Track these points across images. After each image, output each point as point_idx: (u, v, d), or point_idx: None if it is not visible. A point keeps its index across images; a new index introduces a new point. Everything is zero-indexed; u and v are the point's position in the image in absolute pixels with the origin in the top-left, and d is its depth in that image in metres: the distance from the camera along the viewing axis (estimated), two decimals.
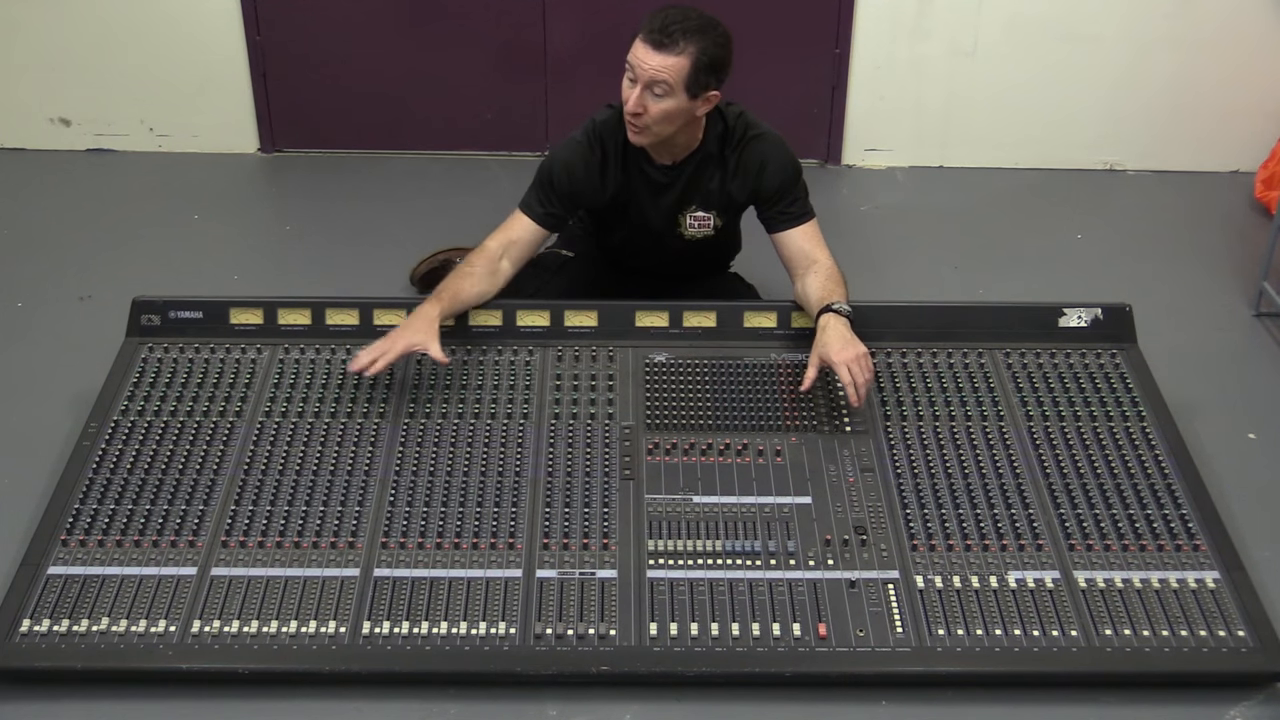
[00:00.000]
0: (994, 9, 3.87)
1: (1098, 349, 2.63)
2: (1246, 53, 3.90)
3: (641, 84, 2.42)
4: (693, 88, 2.44)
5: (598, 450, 2.40)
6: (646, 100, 2.44)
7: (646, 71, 2.41)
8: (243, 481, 2.32)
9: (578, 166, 2.60)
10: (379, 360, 2.40)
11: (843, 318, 2.46)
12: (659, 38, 2.40)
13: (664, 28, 2.40)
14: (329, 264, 3.46)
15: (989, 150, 4.09)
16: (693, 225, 2.68)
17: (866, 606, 2.11)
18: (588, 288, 2.82)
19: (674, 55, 2.40)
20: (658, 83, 2.41)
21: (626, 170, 2.62)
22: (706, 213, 2.67)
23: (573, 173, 2.60)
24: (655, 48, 2.40)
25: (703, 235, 2.70)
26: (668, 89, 2.42)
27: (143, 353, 2.60)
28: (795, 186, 2.64)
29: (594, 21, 3.93)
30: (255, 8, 3.92)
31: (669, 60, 2.40)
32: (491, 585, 2.13)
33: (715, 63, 2.44)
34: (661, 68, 2.40)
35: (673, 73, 2.41)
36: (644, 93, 2.43)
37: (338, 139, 4.15)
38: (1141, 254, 3.59)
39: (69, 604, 2.09)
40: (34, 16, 3.94)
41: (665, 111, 2.45)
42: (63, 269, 3.40)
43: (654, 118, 2.46)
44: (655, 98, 2.43)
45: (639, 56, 2.42)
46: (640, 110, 2.45)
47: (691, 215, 2.67)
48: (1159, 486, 2.34)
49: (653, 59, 2.40)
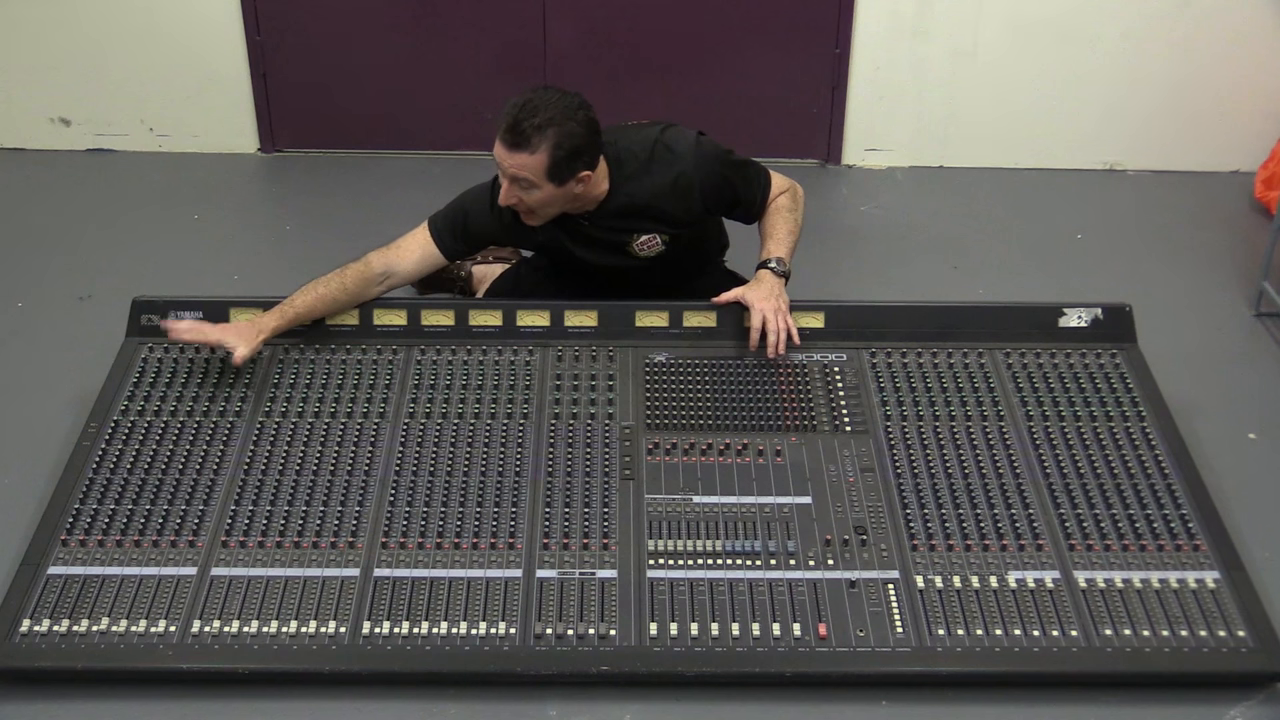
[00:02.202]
0: (994, 9, 3.87)
1: (1098, 349, 2.63)
2: (1246, 53, 3.90)
3: (507, 179, 2.41)
4: (556, 178, 2.40)
5: (598, 450, 2.40)
6: (518, 193, 2.42)
7: (507, 170, 2.39)
8: (243, 481, 2.32)
9: (495, 223, 2.58)
10: (190, 334, 2.47)
11: (779, 277, 2.54)
12: (512, 137, 2.36)
13: (515, 125, 2.35)
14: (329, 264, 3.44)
15: (989, 150, 4.09)
16: (643, 248, 2.64)
17: (866, 606, 2.11)
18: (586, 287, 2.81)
19: (528, 153, 2.35)
20: (520, 179, 2.39)
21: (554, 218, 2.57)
22: (649, 235, 2.63)
23: (488, 228, 2.59)
24: (510, 147, 2.37)
25: (656, 253, 2.65)
26: (530, 184, 2.40)
27: (143, 353, 2.60)
28: (736, 185, 2.61)
29: (594, 21, 3.93)
30: (255, 8, 3.92)
31: (525, 159, 2.36)
32: (491, 585, 2.13)
33: (576, 150, 2.38)
34: (521, 166, 2.37)
35: (532, 169, 2.37)
36: (512, 186, 2.42)
37: (338, 139, 4.15)
38: (1141, 254, 3.59)
39: (69, 604, 2.09)
40: (34, 16, 3.94)
41: (539, 200, 2.44)
42: (63, 269, 3.40)
43: (533, 205, 2.45)
44: (524, 189, 2.41)
45: (498, 154, 2.39)
46: (515, 202, 2.44)
47: (637, 242, 2.62)
48: (1159, 486, 2.34)
49: (509, 159, 2.37)
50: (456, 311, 2.63)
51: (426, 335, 2.63)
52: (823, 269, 3.20)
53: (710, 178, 2.57)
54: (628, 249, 2.63)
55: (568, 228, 2.60)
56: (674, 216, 2.59)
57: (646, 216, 2.59)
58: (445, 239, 2.61)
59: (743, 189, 2.64)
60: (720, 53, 3.96)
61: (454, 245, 2.62)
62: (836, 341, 2.63)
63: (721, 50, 3.95)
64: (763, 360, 2.57)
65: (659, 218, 2.59)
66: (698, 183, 2.55)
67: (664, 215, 2.59)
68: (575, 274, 2.78)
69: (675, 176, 2.54)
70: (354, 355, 2.59)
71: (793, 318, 2.59)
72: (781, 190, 2.69)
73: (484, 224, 2.60)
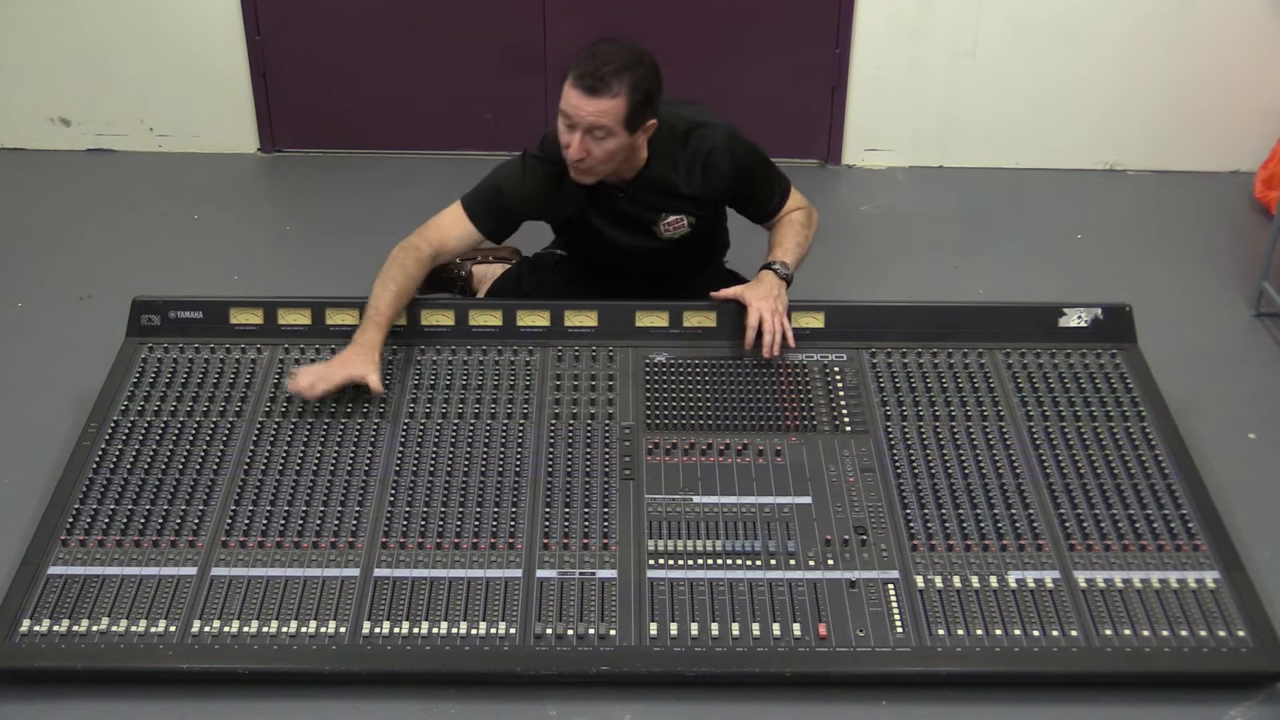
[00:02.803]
0: (994, 9, 3.87)
1: (1098, 349, 2.63)
2: (1246, 53, 3.90)
3: (581, 130, 2.40)
4: (631, 124, 2.42)
5: (598, 450, 2.40)
6: (588, 145, 2.41)
7: (584, 118, 2.38)
8: (243, 481, 2.32)
9: (530, 191, 2.58)
10: (318, 385, 2.39)
11: (780, 278, 2.56)
12: (591, 82, 2.36)
13: (595, 72, 2.35)
14: (329, 264, 3.46)
15: (989, 150, 4.09)
16: (668, 229, 2.66)
17: (866, 606, 2.11)
18: (585, 286, 2.82)
19: (609, 98, 2.36)
20: (598, 127, 2.39)
21: (587, 188, 2.58)
22: (677, 215, 2.65)
23: (524, 197, 2.59)
24: (589, 93, 2.36)
25: (680, 234, 2.69)
26: (608, 131, 2.40)
27: (143, 353, 2.60)
28: (760, 179, 2.64)
29: (594, 21, 3.92)
30: (255, 8, 3.92)
31: (606, 104, 2.37)
32: (491, 585, 2.13)
33: (649, 95, 2.41)
34: (601, 113, 2.37)
35: (612, 115, 2.38)
36: (584, 138, 2.41)
37: (338, 139, 4.15)
38: (1141, 254, 3.59)
39: (69, 604, 2.09)
40: (34, 16, 3.94)
41: (608, 152, 2.44)
42: (63, 269, 3.40)
43: (598, 160, 2.45)
44: (596, 140, 2.41)
45: (573, 104, 2.38)
46: (583, 155, 2.43)
47: (664, 222, 2.65)
48: (1159, 486, 2.34)
49: (589, 105, 2.37)
50: (456, 311, 2.63)
51: (426, 335, 2.63)
52: (823, 269, 3.20)
53: (739, 163, 2.60)
54: (654, 228, 2.65)
55: (599, 201, 2.61)
56: (700, 197, 2.62)
57: (677, 195, 2.61)
58: (481, 217, 2.60)
59: (763, 185, 2.67)
60: (720, 52, 3.96)
61: (490, 222, 2.61)
62: (836, 341, 2.63)
63: (721, 50, 3.96)
64: (763, 360, 2.57)
65: (688, 197, 2.61)
66: (728, 164, 2.58)
67: (692, 195, 2.61)
68: (587, 261, 2.80)
69: (709, 153, 2.57)
70: None
71: (793, 317, 2.59)
72: (799, 206, 2.72)
73: (520, 196, 2.59)
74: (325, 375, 2.41)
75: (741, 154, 2.60)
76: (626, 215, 2.63)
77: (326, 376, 2.41)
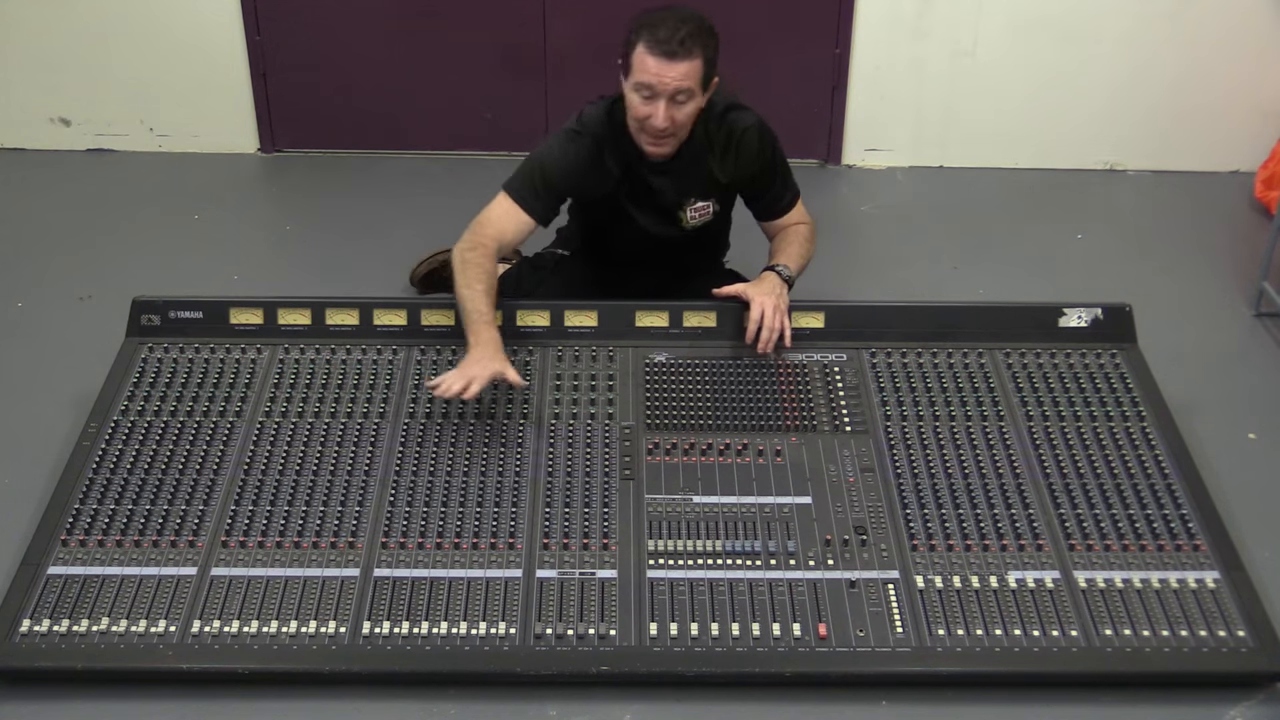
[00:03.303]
0: (994, 9, 3.87)
1: (1098, 349, 2.63)
2: (1246, 53, 3.90)
3: (665, 97, 2.41)
4: (705, 84, 2.47)
5: (598, 450, 2.40)
6: (672, 112, 2.44)
7: (670, 84, 2.40)
8: (243, 481, 2.32)
9: (574, 162, 2.58)
10: (473, 385, 2.32)
11: (781, 278, 2.58)
12: (673, 48, 2.38)
13: (673, 37, 2.38)
14: (329, 264, 3.46)
15: (989, 150, 4.10)
16: (693, 216, 2.69)
17: (866, 606, 2.11)
18: (585, 286, 2.82)
19: (689, 60, 2.40)
20: (683, 90, 2.42)
21: (619, 169, 2.61)
22: (705, 201, 2.68)
23: (569, 169, 2.58)
24: (671, 58, 2.39)
25: (703, 223, 2.71)
26: (690, 94, 2.43)
27: (143, 353, 2.60)
28: (778, 174, 2.66)
29: (594, 21, 3.93)
30: (255, 8, 3.92)
31: (688, 67, 2.40)
32: (491, 585, 2.13)
33: (716, 53, 2.47)
34: (685, 75, 2.40)
35: (694, 77, 2.42)
36: (669, 106, 2.43)
37: (338, 139, 4.15)
38: (1141, 254, 3.59)
39: (69, 604, 2.09)
40: (34, 16, 3.94)
41: (690, 116, 2.48)
42: (63, 269, 3.40)
43: (681, 125, 2.48)
44: (679, 106, 2.44)
45: (656, 72, 2.39)
46: (669, 123, 2.44)
47: (692, 207, 2.67)
48: (1159, 486, 2.34)
49: (673, 70, 2.39)
50: (456, 312, 2.63)
51: (426, 335, 2.63)
52: (823, 269, 3.20)
53: (767, 147, 2.64)
54: (680, 213, 2.67)
55: (633, 179, 2.62)
56: (729, 182, 2.65)
57: (709, 176, 2.63)
58: (530, 202, 2.59)
59: (781, 178, 2.70)
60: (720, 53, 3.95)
61: (537, 204, 2.59)
62: (836, 341, 2.63)
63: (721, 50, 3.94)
64: (763, 360, 2.57)
65: (716, 179, 2.64)
66: (757, 144, 2.62)
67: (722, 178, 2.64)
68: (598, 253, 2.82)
69: (743, 131, 2.60)
70: (354, 355, 2.59)
71: (793, 317, 2.59)
72: (804, 220, 2.75)
73: (564, 168, 2.58)
74: (475, 375, 2.33)
75: (770, 139, 2.65)
76: (656, 196, 2.64)
77: (478, 376, 2.33)
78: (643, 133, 2.50)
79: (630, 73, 2.44)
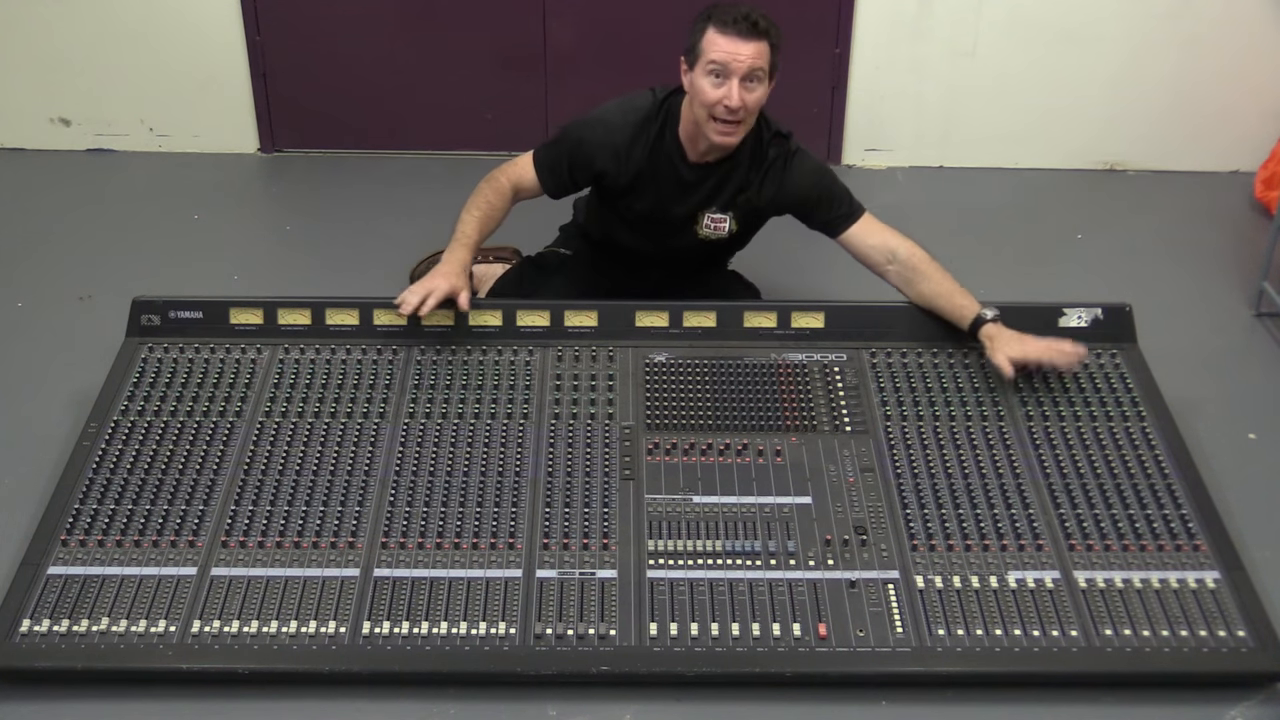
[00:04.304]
0: (994, 9, 3.87)
1: (1098, 349, 2.63)
2: (1246, 52, 3.90)
3: (738, 77, 2.41)
4: (771, 75, 2.47)
5: (598, 450, 2.40)
6: (745, 94, 2.43)
7: (744, 63, 2.39)
8: (243, 481, 2.32)
9: (613, 135, 2.58)
10: (429, 299, 2.45)
11: (1000, 324, 2.51)
12: (746, 27, 2.39)
13: (746, 16, 2.39)
14: (329, 264, 3.46)
15: (989, 150, 4.10)
16: (709, 226, 2.67)
17: (866, 606, 2.11)
18: (586, 286, 2.82)
19: (763, 40, 2.41)
20: (756, 70, 2.41)
21: (653, 159, 2.60)
22: (724, 214, 2.66)
23: (604, 157, 2.59)
24: (745, 37, 2.39)
25: (716, 237, 2.69)
26: (762, 75, 2.43)
27: (143, 353, 2.60)
28: (835, 188, 2.64)
29: (594, 21, 3.93)
30: (255, 8, 3.92)
31: (764, 46, 2.41)
32: (491, 585, 2.13)
33: (781, 45, 2.48)
34: (758, 55, 2.41)
35: (766, 58, 2.42)
36: (742, 87, 2.42)
37: (338, 139, 4.15)
38: (1141, 254, 3.59)
39: (69, 604, 2.09)
40: (34, 16, 3.94)
41: (759, 100, 2.47)
42: (63, 269, 3.40)
43: (751, 109, 2.47)
44: (749, 90, 2.43)
45: (731, 50, 2.39)
46: (741, 104, 2.43)
47: (710, 216, 2.66)
48: (1159, 486, 2.34)
49: (747, 49, 2.39)
50: (456, 311, 2.63)
51: (426, 335, 2.63)
52: (823, 269, 3.20)
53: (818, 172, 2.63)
54: (696, 220, 2.67)
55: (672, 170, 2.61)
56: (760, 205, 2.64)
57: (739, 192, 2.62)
58: (545, 175, 2.64)
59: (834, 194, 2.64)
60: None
61: (552, 180, 2.64)
62: (836, 341, 2.63)
63: None
64: (763, 360, 2.57)
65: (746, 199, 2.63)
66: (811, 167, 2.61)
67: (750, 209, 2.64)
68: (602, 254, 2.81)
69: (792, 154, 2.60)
70: (354, 355, 2.59)
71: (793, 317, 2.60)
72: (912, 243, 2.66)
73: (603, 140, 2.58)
74: (433, 288, 2.46)
75: (822, 165, 2.65)
76: (682, 195, 2.63)
77: (436, 289, 2.46)
78: (711, 120, 2.46)
79: (699, 58, 2.44)
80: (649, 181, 2.63)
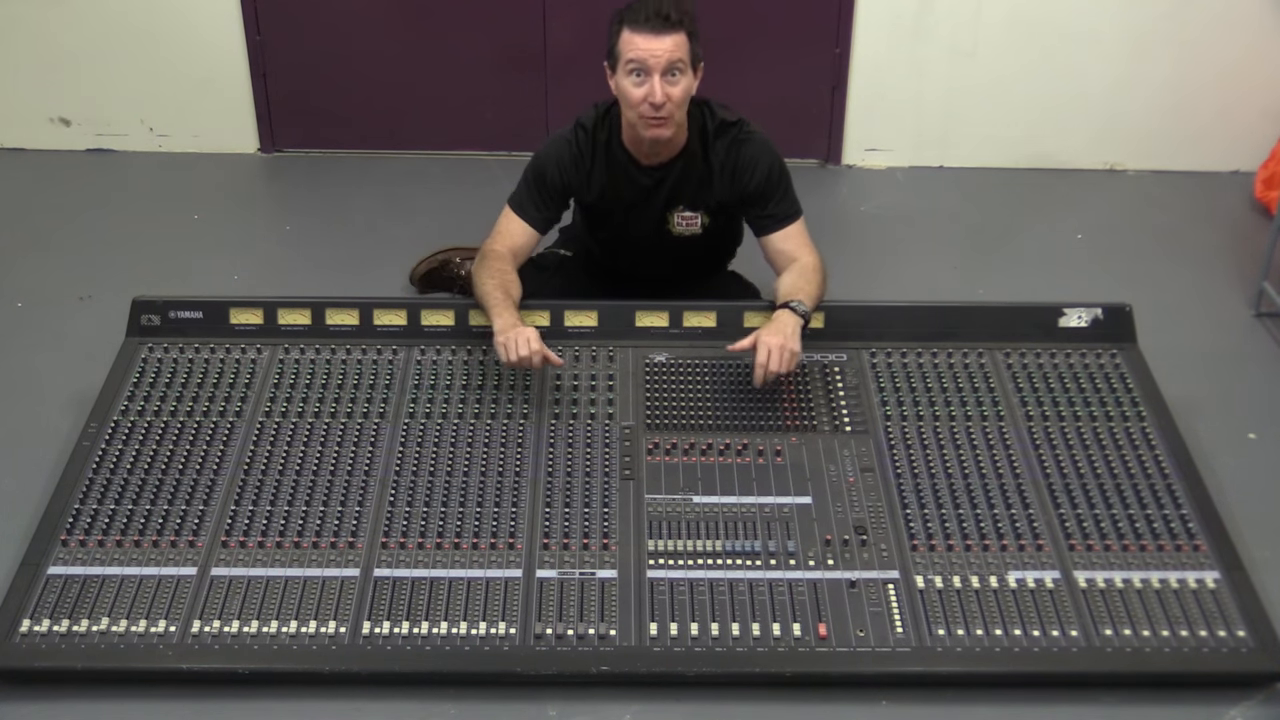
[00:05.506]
0: (994, 9, 3.87)
1: (1098, 349, 2.63)
2: (1246, 52, 3.90)
3: (659, 73, 2.41)
4: (694, 61, 2.46)
5: (598, 450, 2.40)
6: (668, 88, 2.42)
7: (661, 58, 2.40)
8: (243, 481, 2.32)
9: (568, 162, 2.60)
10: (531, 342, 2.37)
11: (797, 315, 2.46)
12: (659, 22, 2.39)
13: (658, 11, 2.39)
14: (329, 264, 3.47)
15: (989, 150, 4.09)
16: (680, 224, 2.68)
17: (866, 606, 2.11)
18: (586, 287, 2.82)
19: (678, 32, 2.41)
20: (675, 63, 2.41)
21: (611, 171, 2.61)
22: (694, 212, 2.66)
23: (564, 169, 2.60)
24: (659, 32, 2.39)
25: (691, 233, 2.69)
26: (683, 67, 2.43)
27: (143, 353, 2.60)
28: (779, 187, 2.63)
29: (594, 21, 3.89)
30: (255, 8, 3.92)
31: (680, 37, 2.41)
32: (491, 585, 2.13)
33: (697, 31, 2.47)
34: (676, 48, 2.40)
35: (683, 49, 2.42)
36: (664, 82, 2.42)
37: (338, 139, 4.15)
38: (1141, 254, 3.59)
39: (69, 604, 2.09)
40: (34, 16, 3.94)
41: (686, 91, 2.46)
42: (63, 269, 3.40)
43: (678, 102, 2.46)
44: (672, 83, 2.43)
45: (647, 48, 2.40)
46: (664, 100, 2.43)
47: (679, 215, 2.66)
48: (1159, 486, 2.34)
49: (663, 43, 2.39)
50: (456, 311, 2.63)
51: (426, 335, 2.63)
52: None
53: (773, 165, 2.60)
54: (667, 222, 2.66)
55: (629, 178, 2.61)
56: (725, 198, 2.63)
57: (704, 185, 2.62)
58: (528, 210, 2.62)
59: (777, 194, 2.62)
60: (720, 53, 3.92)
61: (536, 214, 2.63)
62: (836, 341, 2.63)
63: (721, 50, 3.92)
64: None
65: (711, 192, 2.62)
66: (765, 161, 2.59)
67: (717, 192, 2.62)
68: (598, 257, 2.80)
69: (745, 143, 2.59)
70: (354, 355, 2.59)
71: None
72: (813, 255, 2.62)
73: (562, 165, 2.60)
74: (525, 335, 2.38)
75: (776, 156, 2.62)
76: (646, 201, 2.63)
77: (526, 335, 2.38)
78: (640, 119, 2.47)
79: (619, 60, 2.44)
80: (613, 194, 2.64)
